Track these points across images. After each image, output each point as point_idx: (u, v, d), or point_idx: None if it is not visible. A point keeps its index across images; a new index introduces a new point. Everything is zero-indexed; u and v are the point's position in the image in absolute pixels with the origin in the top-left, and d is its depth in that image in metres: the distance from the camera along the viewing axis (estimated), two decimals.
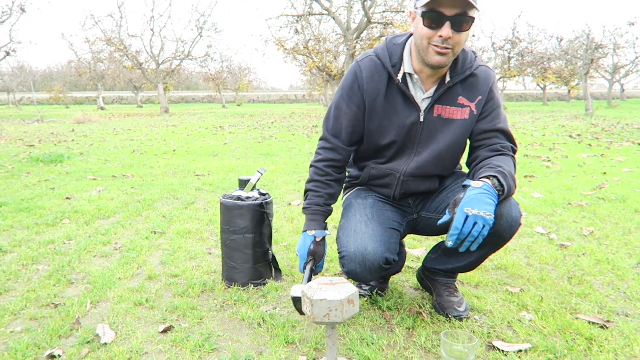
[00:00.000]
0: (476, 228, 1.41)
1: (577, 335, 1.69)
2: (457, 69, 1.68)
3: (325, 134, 1.82)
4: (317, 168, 1.81)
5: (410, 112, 1.72)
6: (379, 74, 1.70)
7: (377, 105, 1.72)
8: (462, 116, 1.71)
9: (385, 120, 1.74)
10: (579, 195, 3.94)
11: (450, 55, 1.58)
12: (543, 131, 10.58)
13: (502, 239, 1.67)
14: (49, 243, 2.76)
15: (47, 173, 5.26)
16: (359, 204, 1.82)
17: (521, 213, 1.67)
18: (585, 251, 2.59)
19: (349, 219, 1.77)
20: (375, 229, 1.71)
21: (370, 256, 1.64)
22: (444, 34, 1.51)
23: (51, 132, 11.69)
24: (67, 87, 46.21)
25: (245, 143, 8.65)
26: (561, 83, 33.77)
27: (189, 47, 27.00)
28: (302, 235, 1.78)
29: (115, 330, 1.74)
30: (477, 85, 1.71)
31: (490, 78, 1.73)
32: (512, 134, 1.76)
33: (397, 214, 1.86)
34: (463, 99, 1.70)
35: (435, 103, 1.71)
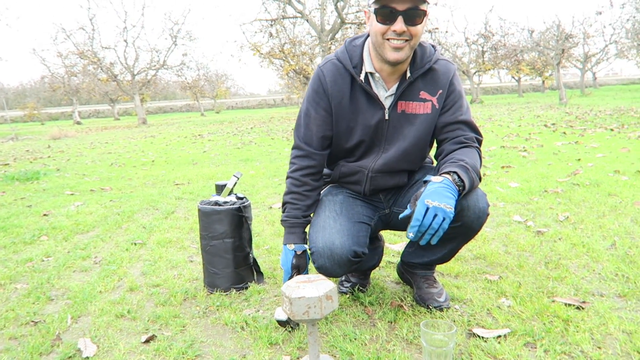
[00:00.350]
0: (436, 220, 1.41)
1: (555, 317, 1.73)
2: (416, 64, 1.71)
3: (298, 142, 1.83)
4: (294, 179, 1.82)
5: (375, 111, 1.75)
6: (342, 77, 1.73)
7: (343, 108, 1.75)
8: (424, 111, 1.74)
9: (352, 121, 1.77)
10: (555, 182, 4.02)
11: (407, 49, 1.60)
12: (519, 122, 10.75)
13: (471, 230, 1.71)
14: (27, 261, 2.71)
15: (24, 191, 5.17)
16: (329, 201, 1.85)
17: (488, 203, 1.70)
18: (561, 236, 2.64)
19: (319, 216, 1.80)
20: (343, 224, 1.73)
21: (338, 250, 1.66)
22: (397, 29, 1.55)
23: (26, 149, 11.49)
24: (41, 104, 45.40)
25: (225, 150, 8.62)
26: (535, 74, 34.35)
27: (164, 56, 26.78)
28: (284, 249, 1.80)
29: (97, 344, 1.73)
30: (438, 79, 1.73)
31: (450, 71, 1.75)
32: (475, 124, 1.77)
33: (368, 209, 1.88)
34: (425, 93, 1.73)
35: (398, 100, 1.73)
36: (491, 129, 9.43)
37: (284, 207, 1.84)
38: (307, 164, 1.81)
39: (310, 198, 1.83)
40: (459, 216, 1.65)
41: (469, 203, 1.65)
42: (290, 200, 1.82)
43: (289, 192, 1.83)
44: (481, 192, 1.69)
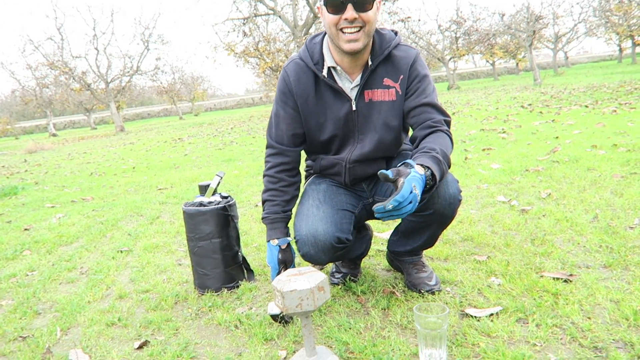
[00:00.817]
0: (409, 206, 1.35)
1: (544, 292, 1.76)
2: (375, 51, 1.71)
3: (270, 142, 1.87)
4: (269, 176, 1.85)
5: (342, 104, 1.76)
6: (305, 75, 1.76)
7: (310, 105, 1.78)
8: (390, 98, 1.74)
9: (321, 116, 1.79)
10: (535, 161, 4.08)
11: (362, 38, 1.61)
12: (496, 105, 10.87)
13: (444, 217, 1.72)
14: (10, 277, 2.66)
15: (2, 207, 5.06)
16: (313, 190, 1.88)
17: (460, 189, 1.71)
18: (545, 213, 2.68)
19: (302, 205, 1.82)
20: (327, 211, 1.75)
21: (321, 237, 1.68)
22: (349, 16, 1.56)
23: (2, 165, 11.24)
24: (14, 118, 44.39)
25: (206, 152, 8.55)
26: (509, 57, 34.74)
27: (137, 62, 26.41)
28: (268, 246, 1.81)
29: (89, 354, 1.70)
30: (399, 65, 1.73)
31: (411, 55, 1.74)
32: (441, 106, 1.75)
33: (352, 198, 1.90)
34: (388, 80, 1.73)
35: (364, 89, 1.74)
36: (470, 113, 9.51)
37: (263, 205, 1.85)
38: (281, 160, 1.84)
39: (288, 193, 1.84)
40: (429, 204, 1.67)
41: (439, 191, 1.66)
42: (269, 197, 1.83)
43: (266, 190, 1.85)
44: (451, 178, 1.70)
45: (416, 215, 1.73)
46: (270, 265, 1.80)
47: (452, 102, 14.43)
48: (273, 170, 1.84)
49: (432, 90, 1.75)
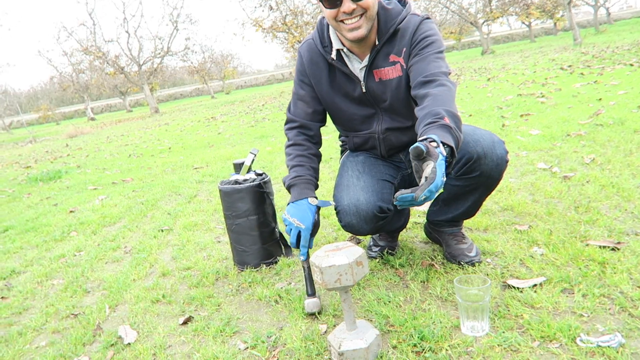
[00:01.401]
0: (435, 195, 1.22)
1: (590, 261, 1.70)
2: (381, 30, 1.65)
3: (290, 117, 1.86)
4: (296, 144, 1.81)
5: (354, 86, 1.74)
6: (317, 56, 1.75)
7: (323, 86, 1.77)
8: (396, 74, 1.68)
9: (336, 97, 1.78)
10: (577, 125, 3.91)
11: (364, 24, 1.56)
12: (534, 68, 10.45)
13: (491, 179, 1.67)
14: (60, 257, 2.77)
15: (48, 191, 5.27)
16: (351, 162, 1.87)
17: (507, 150, 1.65)
18: (589, 179, 2.58)
19: (342, 176, 1.81)
20: (367, 181, 1.73)
21: (363, 206, 1.66)
22: (346, 9, 1.52)
23: (45, 150, 11.68)
24: (54, 104, 45.94)
25: (239, 129, 8.62)
26: (546, 17, 33.19)
27: (167, 43, 26.68)
28: (299, 204, 1.65)
29: (137, 330, 1.77)
30: (403, 38, 1.65)
31: (413, 24, 1.64)
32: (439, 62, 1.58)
33: (390, 168, 1.88)
34: (394, 56, 1.67)
35: (372, 69, 1.70)
36: (505, 78, 9.19)
37: (292, 169, 1.77)
38: (304, 131, 1.83)
39: (314, 162, 1.81)
40: (476, 165, 1.62)
41: (486, 151, 1.60)
42: (298, 162, 1.77)
43: (294, 157, 1.79)
44: (497, 139, 1.64)
45: (461, 178, 1.69)
46: (302, 225, 1.61)
47: (486, 67, 13.97)
48: (299, 139, 1.81)
49: (431, 51, 1.60)
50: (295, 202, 1.68)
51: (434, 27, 1.65)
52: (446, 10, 30.52)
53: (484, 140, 1.62)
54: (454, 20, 36.35)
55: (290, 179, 1.75)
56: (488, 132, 1.67)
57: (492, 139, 1.63)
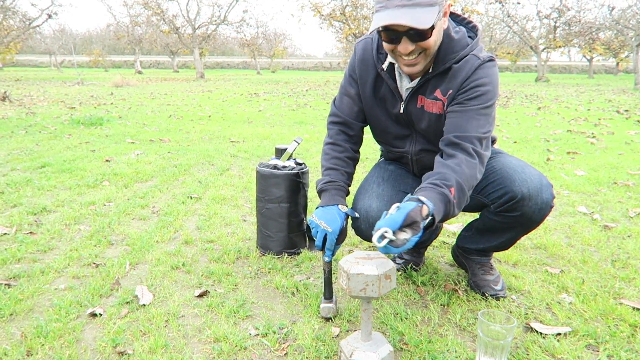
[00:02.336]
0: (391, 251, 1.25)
1: (620, 321, 1.63)
2: (439, 59, 1.52)
3: (334, 110, 1.80)
4: (334, 144, 1.76)
5: (395, 102, 1.67)
6: (369, 59, 1.66)
7: (367, 92, 1.69)
8: (437, 110, 1.58)
9: (376, 107, 1.71)
10: (626, 174, 3.77)
11: (422, 60, 1.46)
12: (588, 105, 10.13)
13: (531, 222, 1.61)
14: (90, 204, 2.83)
15: (88, 135, 5.39)
16: (380, 167, 1.85)
17: (554, 195, 1.60)
18: (630, 233, 2.48)
19: (366, 180, 1.80)
20: (386, 190, 1.71)
21: (373, 213, 1.63)
22: (402, 50, 1.42)
23: (91, 95, 11.95)
24: (106, 51, 46.96)
25: (280, 111, 8.63)
26: (609, 55, 32.12)
27: (225, 12, 26.92)
28: (328, 209, 1.60)
29: (154, 293, 1.79)
30: (454, 79, 1.52)
31: (470, 68, 1.50)
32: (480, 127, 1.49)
33: (419, 183, 1.79)
34: (439, 91, 1.56)
35: (418, 93, 1.60)
36: (557, 111, 8.93)
37: (326, 171, 1.73)
38: (345, 130, 1.77)
39: (350, 166, 1.76)
40: (518, 205, 1.57)
41: (531, 192, 1.55)
42: (334, 165, 1.72)
43: (330, 158, 1.74)
44: (546, 182, 1.58)
45: (500, 214, 1.64)
46: (330, 228, 1.55)
47: (538, 95, 13.61)
48: (339, 139, 1.76)
49: (476, 105, 1.49)
50: (324, 207, 1.62)
51: (491, 73, 1.51)
52: (508, 29, 29.81)
53: (531, 181, 1.56)
54: (514, 41, 35.49)
55: (322, 184, 1.70)
56: (538, 173, 1.61)
57: (541, 182, 1.57)
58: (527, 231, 1.69)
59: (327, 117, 1.83)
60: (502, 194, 1.60)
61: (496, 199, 1.62)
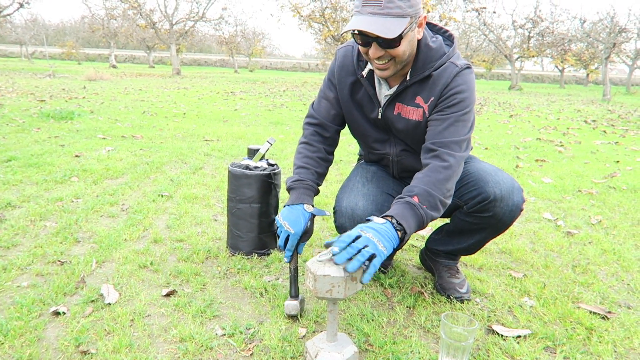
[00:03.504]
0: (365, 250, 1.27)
1: (578, 324, 1.69)
2: (417, 67, 1.57)
3: (311, 112, 1.83)
4: (308, 144, 1.79)
5: (373, 108, 1.71)
6: (349, 65, 1.70)
7: (344, 96, 1.74)
8: (417, 117, 1.63)
9: (355, 111, 1.75)
10: (590, 182, 3.90)
11: (392, 66, 1.51)
12: (558, 115, 10.41)
13: (502, 223, 1.68)
14: (57, 200, 2.78)
15: (58, 129, 5.27)
16: (362, 168, 1.89)
17: (524, 199, 1.67)
18: (591, 240, 2.57)
19: (349, 180, 1.83)
20: (371, 190, 1.75)
21: (359, 211, 1.67)
22: (372, 55, 1.47)
23: (62, 88, 11.68)
24: (79, 43, 45.89)
25: (256, 110, 8.60)
26: (580, 66, 33.04)
27: (204, 8, 26.61)
28: (294, 209, 1.63)
29: (120, 291, 1.77)
30: (434, 86, 1.58)
31: (449, 75, 1.56)
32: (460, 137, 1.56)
33: (399, 186, 1.88)
34: (420, 98, 1.61)
35: (396, 101, 1.66)
36: (528, 119, 9.15)
37: (296, 169, 1.76)
38: (320, 132, 1.80)
39: (322, 167, 1.78)
40: (490, 206, 1.64)
41: (503, 194, 1.62)
42: (305, 164, 1.75)
43: (303, 157, 1.77)
44: (517, 185, 1.66)
45: (471, 215, 1.69)
46: (292, 230, 1.59)
47: (511, 103, 13.91)
48: (313, 139, 1.79)
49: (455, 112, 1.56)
50: (290, 206, 1.65)
51: (469, 80, 1.58)
52: (484, 38, 30.38)
53: (504, 183, 1.64)
54: (489, 49, 36.18)
55: (291, 182, 1.73)
56: (510, 177, 1.69)
57: (513, 185, 1.64)
58: (496, 234, 1.74)
59: (304, 119, 1.86)
60: (476, 195, 1.66)
61: (469, 200, 1.68)
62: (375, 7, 1.38)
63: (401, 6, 1.38)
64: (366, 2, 1.40)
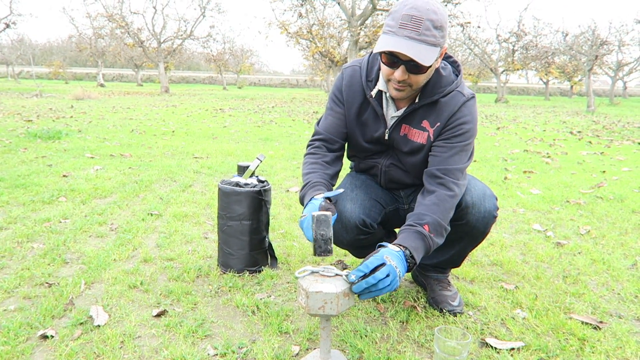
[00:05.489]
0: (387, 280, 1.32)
1: (570, 335, 1.70)
2: (426, 92, 1.64)
3: (316, 129, 1.85)
4: (313, 154, 1.78)
5: (378, 128, 1.74)
6: (357, 84, 1.74)
7: (352, 114, 1.76)
8: (422, 140, 1.69)
9: (358, 129, 1.78)
10: (578, 193, 3.94)
11: (408, 91, 1.57)
12: (544, 126, 10.55)
13: (476, 230, 1.71)
14: (44, 221, 2.74)
15: (45, 149, 5.23)
16: (352, 177, 1.92)
17: (497, 206, 1.71)
18: (581, 250, 2.59)
19: (339, 187, 1.84)
20: (359, 195, 1.78)
21: (347, 214, 1.70)
22: (397, 77, 1.51)
23: (50, 107, 11.61)
24: (67, 62, 45.77)
25: (245, 127, 8.61)
26: (564, 78, 33.65)
27: (192, 26, 26.73)
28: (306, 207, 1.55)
29: (109, 313, 1.74)
30: (441, 112, 1.65)
31: (456, 103, 1.64)
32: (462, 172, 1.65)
33: (388, 196, 1.90)
34: (427, 122, 1.68)
35: (403, 122, 1.70)
36: (515, 131, 9.26)
37: (305, 177, 1.72)
38: (326, 144, 1.80)
39: (330, 169, 1.75)
40: (463, 213, 1.68)
41: (474, 201, 1.67)
42: (311, 170, 1.72)
43: (309, 164, 1.75)
44: (490, 193, 1.71)
45: (449, 224, 1.69)
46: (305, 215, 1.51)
47: (498, 115, 14.08)
48: (318, 150, 1.79)
49: (459, 142, 1.64)
50: (305, 209, 1.56)
51: (473, 110, 1.68)
52: (469, 52, 30.82)
53: (475, 190, 1.69)
54: (475, 62, 36.71)
55: (301, 190, 1.69)
56: (482, 184, 1.75)
57: (484, 192, 1.69)
58: (474, 242, 1.78)
59: (311, 137, 1.85)
60: None
61: None
62: (413, 32, 1.41)
63: (436, 35, 1.43)
64: (403, 25, 1.42)
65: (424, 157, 1.72)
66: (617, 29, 34.75)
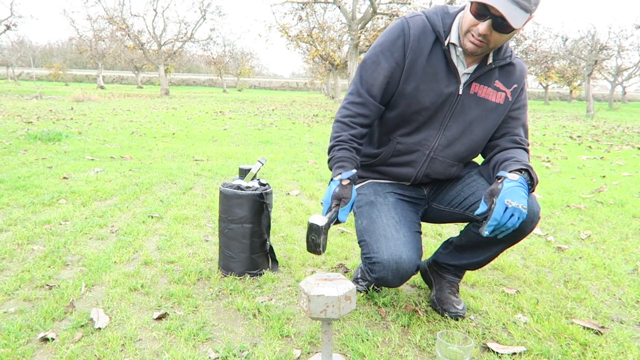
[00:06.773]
0: (512, 220, 1.44)
1: (572, 340, 1.69)
2: (499, 55, 1.67)
3: (357, 88, 1.68)
4: (344, 124, 1.67)
5: (450, 82, 1.65)
6: (426, 35, 1.63)
7: (418, 67, 1.63)
8: (497, 100, 1.70)
9: (424, 84, 1.64)
10: (578, 197, 3.94)
11: (484, 48, 1.56)
12: (544, 131, 10.56)
13: (521, 233, 1.62)
14: (45, 223, 2.74)
15: (45, 151, 5.22)
16: (381, 204, 1.75)
17: (540, 207, 1.64)
18: (582, 255, 2.59)
19: (374, 222, 1.69)
20: (407, 235, 1.66)
21: (405, 264, 1.59)
22: (481, 30, 1.49)
23: (50, 109, 11.61)
24: (67, 64, 45.85)
25: (245, 130, 8.61)
26: (564, 83, 33.70)
27: (192, 29, 26.81)
28: (330, 185, 1.57)
29: (110, 315, 1.74)
30: (514, 74, 1.72)
31: (525, 70, 1.76)
32: (528, 129, 1.79)
33: (415, 213, 1.82)
34: (500, 83, 1.70)
35: (474, 81, 1.67)
36: None
37: (332, 149, 1.66)
38: (362, 111, 1.67)
39: (360, 145, 1.69)
40: None
41: None
42: (338, 142, 1.65)
43: (338, 136, 1.66)
44: (534, 195, 1.66)
45: None
46: (322, 203, 1.56)
47: None
48: (354, 120, 1.66)
49: (524, 113, 1.79)
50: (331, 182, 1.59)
51: None
52: None
53: None
54: None
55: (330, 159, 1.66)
56: None
57: (531, 195, 1.61)
58: (513, 243, 1.69)
59: (346, 96, 1.72)
60: None
61: None
62: None
63: (531, 1, 1.44)
64: None
65: (494, 120, 1.72)
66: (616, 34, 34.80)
